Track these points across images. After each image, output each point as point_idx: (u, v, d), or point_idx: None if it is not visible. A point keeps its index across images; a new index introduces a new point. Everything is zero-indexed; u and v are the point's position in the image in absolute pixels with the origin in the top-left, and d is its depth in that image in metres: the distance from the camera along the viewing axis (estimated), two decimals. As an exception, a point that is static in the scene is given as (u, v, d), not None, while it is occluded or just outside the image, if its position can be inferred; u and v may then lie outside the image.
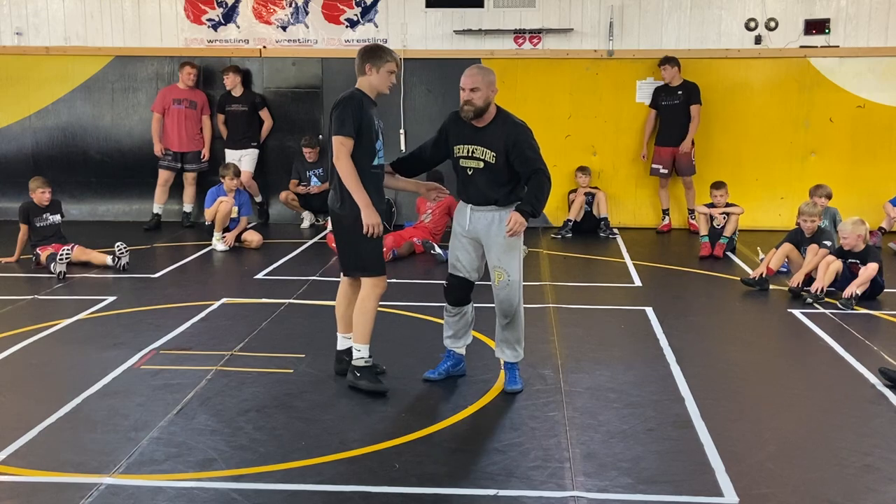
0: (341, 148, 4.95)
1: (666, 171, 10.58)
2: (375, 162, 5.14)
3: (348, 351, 5.31)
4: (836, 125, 10.66)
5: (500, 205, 5.11)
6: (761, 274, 7.81)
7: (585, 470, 4.18)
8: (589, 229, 10.50)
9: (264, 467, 4.18)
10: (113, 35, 11.15)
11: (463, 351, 5.46)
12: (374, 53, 5.13)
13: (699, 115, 10.44)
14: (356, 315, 5.19)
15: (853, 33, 10.49)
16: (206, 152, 10.89)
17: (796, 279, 7.55)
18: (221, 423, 4.72)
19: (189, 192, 10.92)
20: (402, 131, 10.81)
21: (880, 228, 9.74)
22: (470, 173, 5.12)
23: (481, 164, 5.07)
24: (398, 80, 5.22)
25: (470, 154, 5.09)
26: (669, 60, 10.35)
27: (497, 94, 5.10)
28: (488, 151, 5.03)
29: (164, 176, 10.76)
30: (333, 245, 8.69)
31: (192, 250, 9.43)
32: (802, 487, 4.06)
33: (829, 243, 7.77)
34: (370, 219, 4.98)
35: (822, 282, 7.33)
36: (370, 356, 5.20)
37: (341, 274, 5.37)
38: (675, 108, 10.45)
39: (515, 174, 5.07)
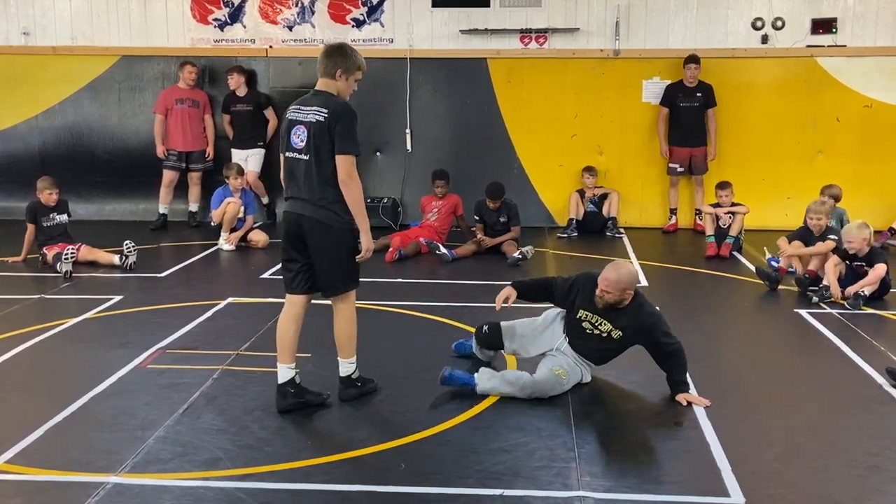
0: (353, 168, 4.69)
1: (682, 170, 10.59)
2: None
3: (291, 382, 4.87)
4: (844, 125, 10.63)
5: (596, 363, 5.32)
6: (775, 270, 7.82)
7: (591, 470, 4.17)
8: (595, 229, 10.50)
9: (270, 466, 4.19)
10: (119, 35, 11.18)
11: None
12: (348, 58, 4.78)
13: (715, 116, 10.45)
14: (347, 332, 4.94)
15: (860, 33, 10.46)
16: (210, 151, 10.91)
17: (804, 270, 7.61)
18: (227, 422, 4.72)
19: (194, 191, 10.94)
20: (407, 131, 10.77)
21: (890, 229, 9.70)
22: (588, 333, 5.21)
23: (604, 335, 5.17)
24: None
25: (595, 323, 5.18)
26: (696, 59, 10.29)
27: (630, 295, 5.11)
28: (617, 330, 5.13)
29: (168, 176, 10.78)
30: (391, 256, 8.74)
31: (198, 250, 9.44)
32: (809, 488, 4.05)
33: (835, 237, 7.77)
34: (370, 244, 4.81)
35: (828, 281, 7.33)
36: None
37: (291, 296, 4.89)
38: (694, 110, 10.43)
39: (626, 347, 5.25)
